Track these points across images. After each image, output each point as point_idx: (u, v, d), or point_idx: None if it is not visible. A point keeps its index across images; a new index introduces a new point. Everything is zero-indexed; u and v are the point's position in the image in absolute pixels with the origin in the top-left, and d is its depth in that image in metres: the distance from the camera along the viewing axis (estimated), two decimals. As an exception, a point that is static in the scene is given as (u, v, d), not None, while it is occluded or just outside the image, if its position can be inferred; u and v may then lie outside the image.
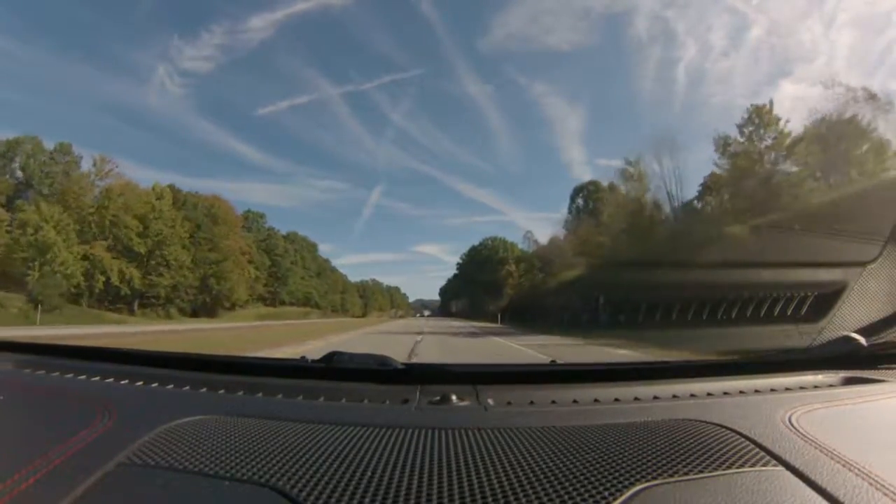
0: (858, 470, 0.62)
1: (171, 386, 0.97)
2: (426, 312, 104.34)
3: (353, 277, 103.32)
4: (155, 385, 0.97)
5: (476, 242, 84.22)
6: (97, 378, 1.03)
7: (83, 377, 1.05)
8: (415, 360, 8.43)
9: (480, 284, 70.18)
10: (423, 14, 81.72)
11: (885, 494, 0.58)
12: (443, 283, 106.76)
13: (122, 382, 0.99)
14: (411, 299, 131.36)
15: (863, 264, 1.66)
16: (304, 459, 0.63)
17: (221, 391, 0.94)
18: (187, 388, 0.97)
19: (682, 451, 0.65)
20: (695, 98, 64.04)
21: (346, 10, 78.58)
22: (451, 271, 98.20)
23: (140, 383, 0.98)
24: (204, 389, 0.96)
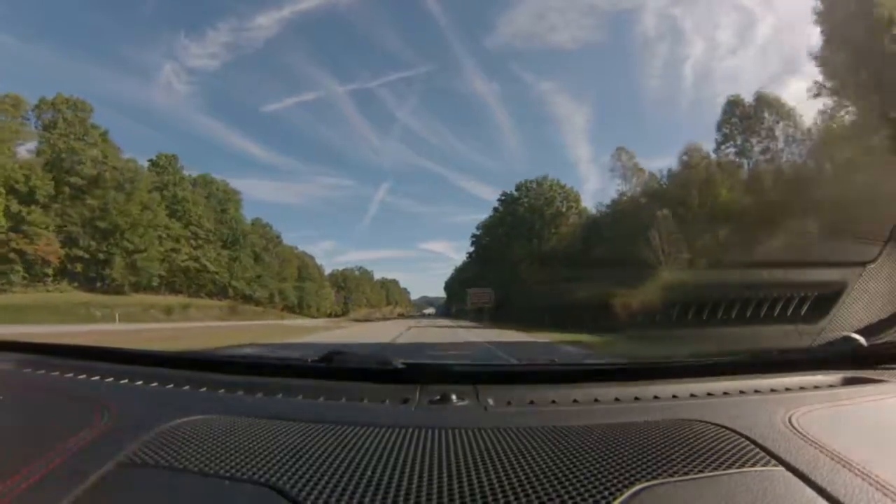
0: (858, 470, 0.62)
1: (170, 386, 0.97)
2: (430, 310, 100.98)
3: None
4: (155, 385, 0.98)
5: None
6: (97, 378, 1.03)
7: (83, 377, 1.05)
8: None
9: (522, 258, 39.04)
10: (429, 11, 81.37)
11: (885, 494, 0.57)
12: (449, 276, 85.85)
13: (122, 382, 0.99)
14: (416, 296, 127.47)
15: (863, 264, 1.66)
16: (304, 459, 0.63)
17: (221, 391, 0.94)
18: (187, 387, 0.97)
19: (682, 451, 0.65)
20: (702, 96, 62.93)
21: (352, 7, 78.06)
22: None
23: (140, 383, 0.98)
24: (204, 389, 0.96)
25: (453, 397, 0.88)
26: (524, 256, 39.55)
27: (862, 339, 1.12)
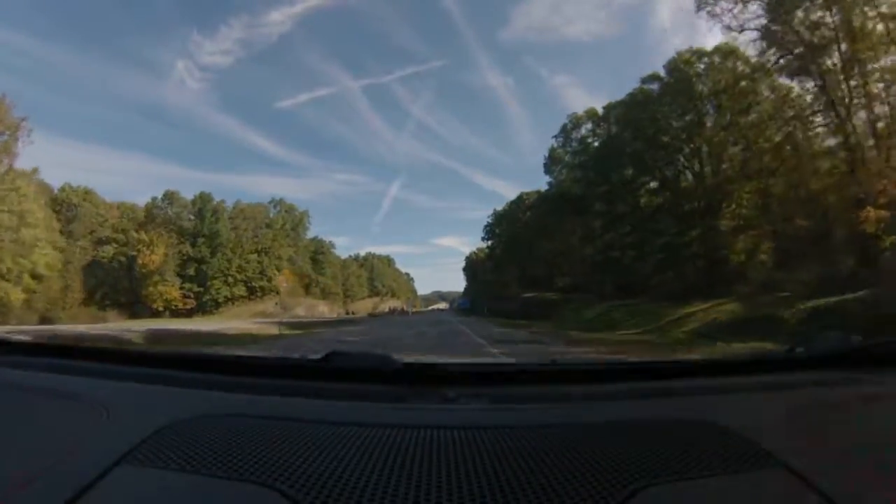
0: (858, 470, 0.62)
1: (170, 386, 0.97)
2: (441, 305, 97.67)
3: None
4: (154, 384, 0.98)
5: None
6: (97, 378, 1.03)
7: (83, 377, 1.05)
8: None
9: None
10: (442, 5, 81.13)
11: (886, 495, 0.58)
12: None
13: (122, 382, 0.99)
14: (428, 291, 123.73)
15: (863, 264, 1.66)
16: (304, 459, 0.63)
17: (221, 391, 0.94)
18: (187, 388, 0.97)
19: (682, 451, 0.65)
20: (718, 88, 60.98)
21: (365, 1, 77.65)
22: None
23: (139, 383, 0.98)
24: (203, 389, 0.96)
25: (454, 397, 0.88)
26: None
27: (862, 339, 1.12)
